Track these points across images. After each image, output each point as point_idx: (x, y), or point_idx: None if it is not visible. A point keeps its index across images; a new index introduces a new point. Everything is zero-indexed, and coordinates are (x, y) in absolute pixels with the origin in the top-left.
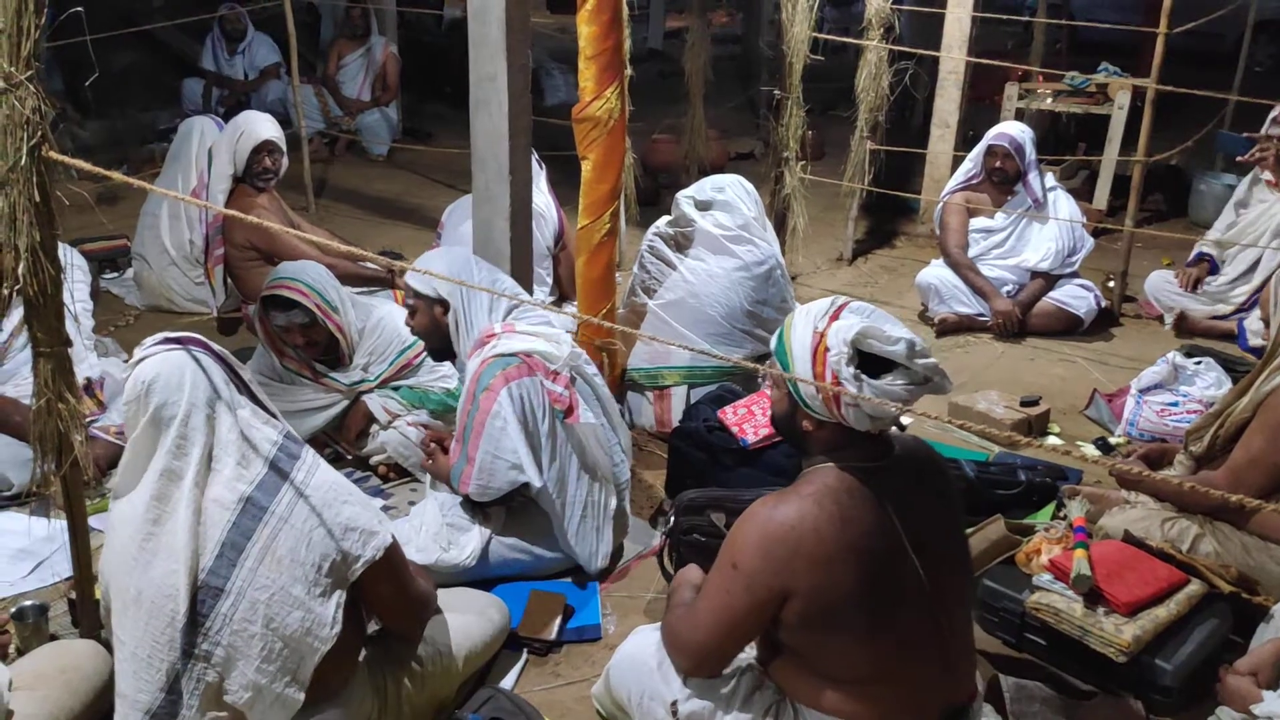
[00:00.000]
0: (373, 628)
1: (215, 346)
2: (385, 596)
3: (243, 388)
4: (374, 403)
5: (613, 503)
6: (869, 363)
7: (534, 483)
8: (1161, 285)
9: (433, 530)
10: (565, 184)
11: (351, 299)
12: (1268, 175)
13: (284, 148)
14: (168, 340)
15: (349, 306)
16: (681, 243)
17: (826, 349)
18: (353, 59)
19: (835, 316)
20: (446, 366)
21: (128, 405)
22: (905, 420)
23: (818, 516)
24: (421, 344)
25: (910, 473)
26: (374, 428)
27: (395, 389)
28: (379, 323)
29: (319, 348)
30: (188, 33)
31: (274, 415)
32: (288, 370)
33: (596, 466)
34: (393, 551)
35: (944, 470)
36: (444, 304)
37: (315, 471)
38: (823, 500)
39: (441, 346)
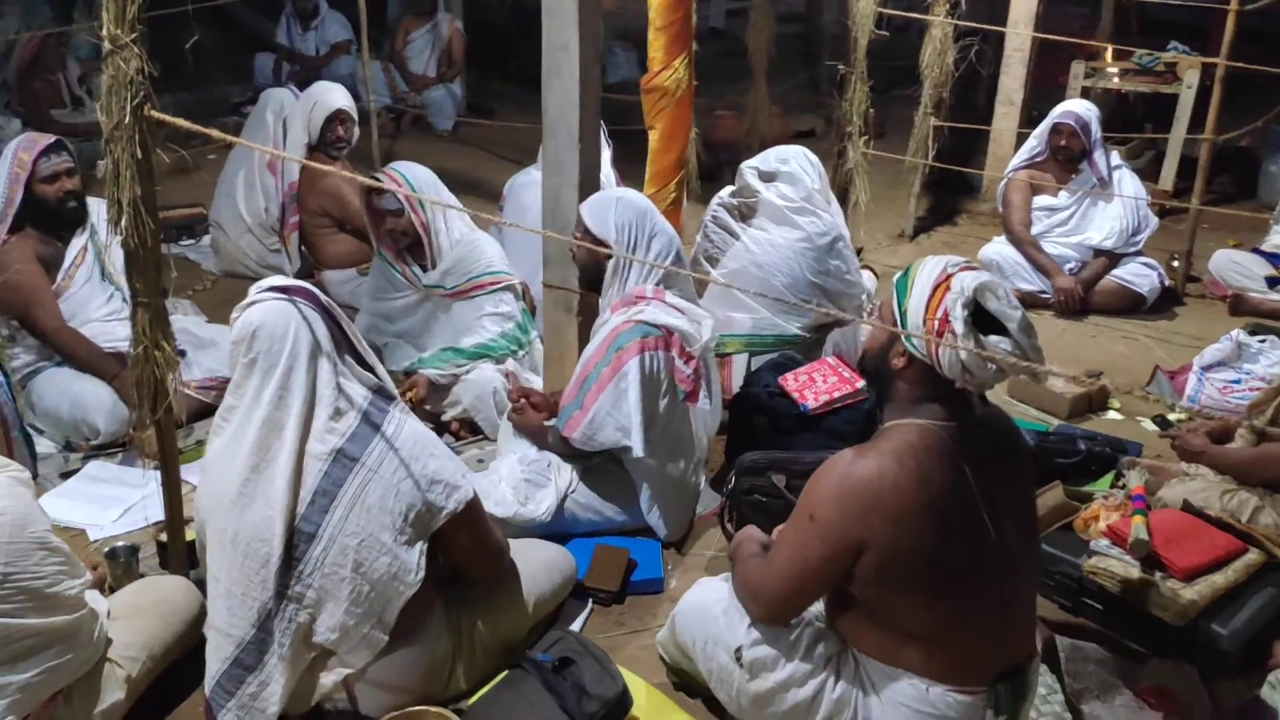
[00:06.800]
0: None
1: (323, 298)
2: (464, 545)
3: (343, 340)
4: (428, 375)
5: (699, 483)
6: (981, 323)
7: (635, 450)
8: (1227, 265)
9: (511, 485)
10: (627, 160)
11: (458, 217)
12: None
13: (355, 117)
14: (278, 289)
15: (442, 216)
16: (745, 213)
17: (949, 288)
18: (419, 35)
19: (968, 268)
20: (508, 302)
21: (234, 345)
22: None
23: (897, 472)
24: (496, 274)
25: (988, 436)
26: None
27: (455, 350)
28: (471, 242)
29: (406, 237)
30: (258, 10)
31: (372, 368)
32: (380, 254)
33: (694, 448)
34: (474, 504)
35: (1019, 436)
36: (607, 248)
37: (404, 425)
38: (903, 456)
39: (592, 282)
